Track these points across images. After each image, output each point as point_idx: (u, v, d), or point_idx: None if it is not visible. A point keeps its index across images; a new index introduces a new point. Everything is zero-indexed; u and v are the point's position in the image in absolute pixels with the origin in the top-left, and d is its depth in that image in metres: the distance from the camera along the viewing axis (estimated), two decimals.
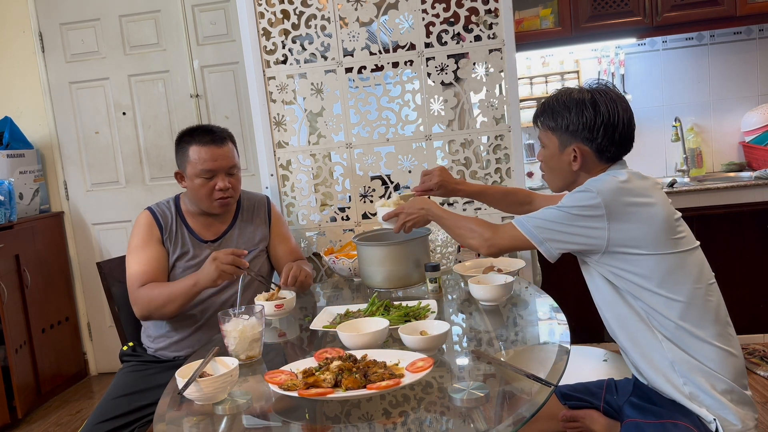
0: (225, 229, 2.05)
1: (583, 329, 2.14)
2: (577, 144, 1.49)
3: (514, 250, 1.55)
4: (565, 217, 1.42)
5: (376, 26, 2.38)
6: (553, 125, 1.52)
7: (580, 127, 1.48)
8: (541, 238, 1.45)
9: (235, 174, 1.98)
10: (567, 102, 1.50)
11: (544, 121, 1.55)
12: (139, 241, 1.97)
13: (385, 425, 1.15)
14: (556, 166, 1.55)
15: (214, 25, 3.41)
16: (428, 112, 2.38)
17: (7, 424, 3.01)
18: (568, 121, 1.49)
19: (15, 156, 3.36)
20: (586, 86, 1.53)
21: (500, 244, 1.53)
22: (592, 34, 3.08)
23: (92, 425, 1.78)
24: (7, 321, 3.03)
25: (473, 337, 1.58)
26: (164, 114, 3.52)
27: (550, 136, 1.54)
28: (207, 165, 1.91)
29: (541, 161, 1.61)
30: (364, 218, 2.47)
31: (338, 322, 1.62)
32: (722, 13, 2.97)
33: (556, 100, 1.53)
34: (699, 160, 3.35)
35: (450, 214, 1.71)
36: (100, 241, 3.68)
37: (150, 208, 2.03)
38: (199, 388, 1.24)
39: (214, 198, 1.94)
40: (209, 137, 1.93)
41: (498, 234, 1.53)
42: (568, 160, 1.52)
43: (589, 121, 1.46)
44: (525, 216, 1.50)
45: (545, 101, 1.56)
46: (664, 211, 1.41)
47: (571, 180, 1.55)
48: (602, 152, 1.49)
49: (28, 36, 3.54)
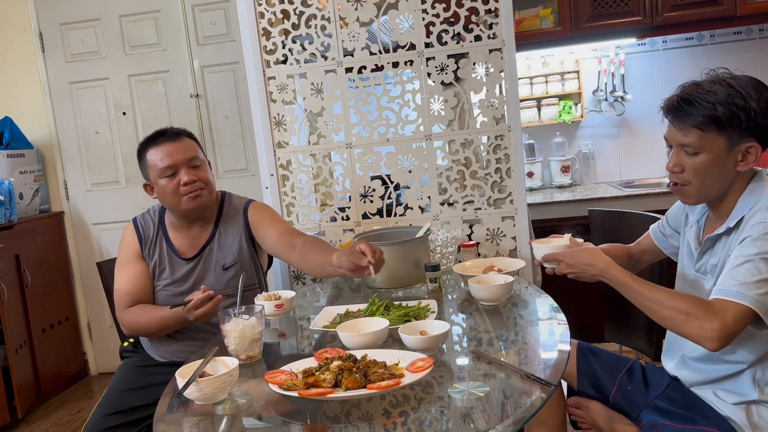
0: (204, 243, 1.97)
1: (583, 329, 2.14)
2: (752, 140, 1.27)
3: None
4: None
5: (376, 26, 2.38)
6: (724, 121, 1.25)
7: (760, 119, 1.24)
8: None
9: (200, 166, 1.90)
10: (733, 93, 1.24)
11: (702, 119, 1.27)
12: (123, 258, 1.97)
13: (385, 425, 1.15)
14: (718, 172, 1.30)
15: (214, 25, 3.41)
16: (428, 112, 2.38)
17: (7, 424, 3.01)
18: (747, 112, 1.23)
19: (15, 156, 3.36)
20: (720, 75, 1.31)
21: (733, 331, 1.19)
22: (592, 34, 3.08)
23: (100, 417, 1.76)
24: (7, 321, 3.03)
25: (473, 337, 1.58)
26: (164, 114, 3.52)
27: (713, 137, 1.28)
28: (165, 162, 1.86)
29: (683, 170, 1.34)
30: (364, 218, 2.47)
31: (338, 322, 1.62)
32: (722, 13, 2.96)
33: (710, 92, 1.27)
34: None
35: (638, 281, 1.33)
36: (100, 241, 3.68)
37: (134, 220, 2.02)
38: (199, 388, 1.24)
39: (181, 194, 1.86)
40: (162, 137, 1.90)
41: (724, 318, 1.19)
42: (733, 162, 1.29)
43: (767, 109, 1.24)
44: (731, 285, 1.21)
45: (692, 95, 1.30)
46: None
47: (726, 186, 1.32)
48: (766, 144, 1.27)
49: (28, 36, 3.54)
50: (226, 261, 1.96)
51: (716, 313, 1.20)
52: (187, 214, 1.93)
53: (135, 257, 1.96)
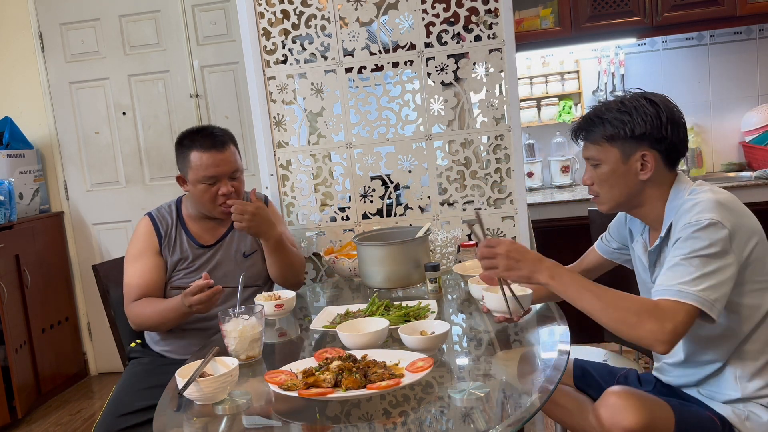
0: (224, 232, 2.03)
1: (583, 329, 2.14)
2: (645, 149, 1.36)
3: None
4: (708, 261, 1.23)
5: (376, 26, 2.38)
6: (612, 133, 1.37)
7: (647, 128, 1.34)
8: (711, 301, 1.22)
9: (237, 177, 1.93)
10: (622, 108, 1.37)
11: (596, 134, 1.40)
12: (136, 251, 1.95)
13: (385, 425, 1.15)
14: (620, 181, 1.39)
15: (214, 25, 3.42)
16: (428, 112, 2.38)
17: (7, 424, 3.01)
18: (631, 124, 1.35)
19: (15, 156, 3.36)
20: (626, 92, 1.42)
21: (682, 332, 1.22)
22: (592, 34, 3.08)
23: (112, 418, 1.73)
24: (7, 321, 3.03)
25: (473, 337, 1.58)
26: (164, 114, 3.52)
27: (608, 149, 1.39)
28: (209, 171, 1.86)
29: (592, 183, 1.44)
30: (364, 218, 2.47)
31: (338, 322, 1.62)
32: (722, 13, 2.96)
33: (605, 109, 1.40)
34: (699, 160, 3.34)
35: (577, 280, 1.32)
36: (100, 241, 3.68)
37: (150, 214, 2.00)
38: (199, 388, 1.24)
39: (217, 204, 1.90)
40: (210, 141, 1.87)
41: (674, 319, 1.20)
42: (634, 171, 1.38)
43: (654, 119, 1.34)
44: (671, 284, 1.24)
45: (589, 115, 1.43)
46: (757, 222, 1.33)
47: (636, 193, 1.40)
48: (670, 153, 1.37)
49: (28, 36, 3.54)
50: (246, 248, 2.01)
51: (667, 315, 1.21)
52: (216, 218, 1.98)
53: (150, 251, 1.95)
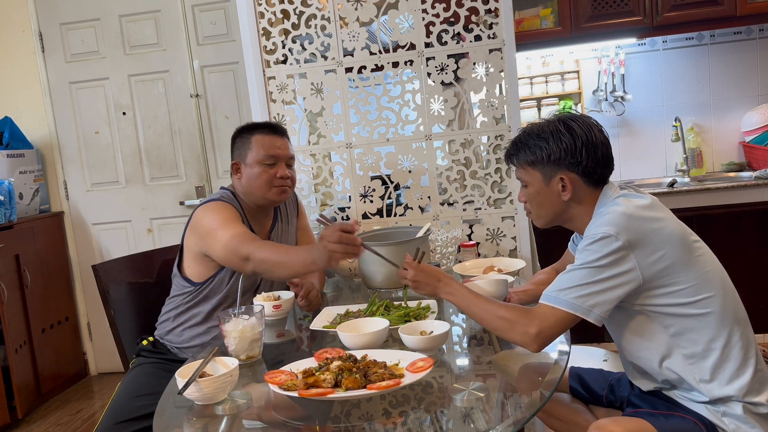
0: (270, 227, 2.05)
1: (583, 329, 2.14)
2: (563, 172, 1.43)
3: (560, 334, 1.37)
4: (595, 272, 1.31)
5: (376, 26, 2.38)
6: (533, 159, 1.46)
7: (562, 154, 1.42)
8: (587, 307, 1.31)
9: (292, 166, 2.01)
10: (540, 133, 1.45)
11: (521, 158, 1.49)
12: (225, 217, 1.82)
13: (385, 425, 1.15)
14: (545, 201, 1.48)
15: (214, 25, 3.41)
16: (428, 112, 2.38)
17: (7, 424, 3.01)
18: (548, 150, 1.43)
19: (15, 156, 3.36)
20: (552, 116, 1.49)
21: (550, 334, 1.33)
22: (592, 34, 3.08)
23: (111, 425, 1.69)
24: (7, 321, 3.03)
25: (473, 337, 1.58)
26: (164, 114, 3.52)
27: (531, 172, 1.47)
28: (271, 151, 1.93)
29: (525, 201, 1.54)
30: (364, 218, 2.47)
31: (338, 322, 1.62)
32: (722, 13, 2.97)
33: (527, 134, 1.48)
34: (699, 160, 3.35)
35: (467, 294, 1.46)
36: (100, 241, 3.68)
37: (221, 199, 1.91)
38: (199, 388, 1.24)
39: (273, 185, 1.93)
40: (271, 129, 1.99)
41: (542, 323, 1.32)
42: (556, 192, 1.45)
43: (569, 145, 1.42)
44: (551, 291, 1.35)
45: (515, 139, 1.51)
46: (678, 227, 1.37)
47: (561, 211, 1.48)
48: (589, 175, 1.43)
49: (28, 36, 3.54)
50: (290, 242, 2.08)
51: (536, 318, 1.33)
52: (268, 204, 2.00)
53: (241, 220, 1.86)
